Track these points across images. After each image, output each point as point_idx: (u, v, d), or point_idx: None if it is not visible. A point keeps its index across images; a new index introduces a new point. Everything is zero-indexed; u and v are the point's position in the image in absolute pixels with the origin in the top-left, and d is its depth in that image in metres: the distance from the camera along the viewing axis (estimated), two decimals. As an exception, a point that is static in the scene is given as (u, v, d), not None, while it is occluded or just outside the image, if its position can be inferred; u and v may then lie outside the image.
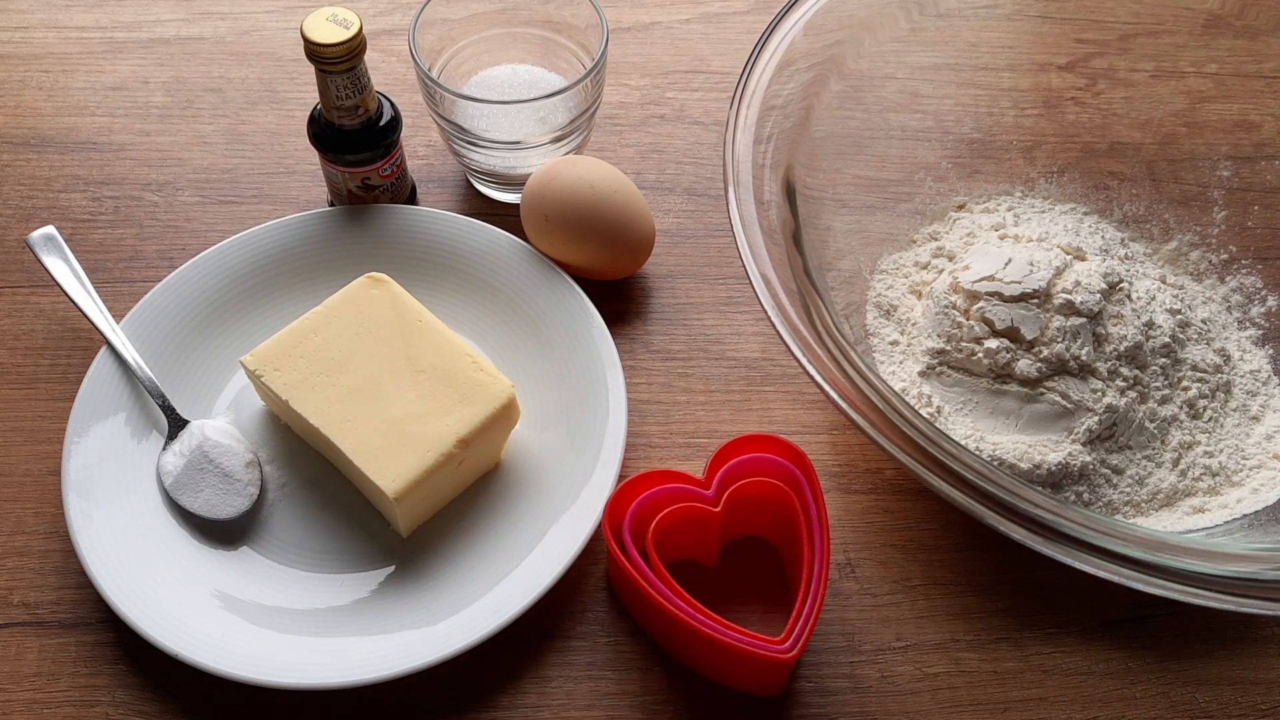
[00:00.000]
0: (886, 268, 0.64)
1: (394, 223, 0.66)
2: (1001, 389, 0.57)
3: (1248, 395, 0.61)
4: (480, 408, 0.55)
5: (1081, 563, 0.44)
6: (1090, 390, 0.57)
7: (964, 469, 0.46)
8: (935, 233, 0.66)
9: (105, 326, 0.61)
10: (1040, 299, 0.57)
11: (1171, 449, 0.58)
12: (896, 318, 0.62)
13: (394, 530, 0.57)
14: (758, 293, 0.51)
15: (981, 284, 0.58)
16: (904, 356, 0.61)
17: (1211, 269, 0.65)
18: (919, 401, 0.58)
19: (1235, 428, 0.59)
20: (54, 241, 0.64)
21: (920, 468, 0.46)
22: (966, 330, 0.58)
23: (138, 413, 0.59)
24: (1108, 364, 0.57)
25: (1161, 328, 0.59)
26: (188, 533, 0.57)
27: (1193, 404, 0.59)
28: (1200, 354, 0.60)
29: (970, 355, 0.58)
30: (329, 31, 0.57)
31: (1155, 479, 0.57)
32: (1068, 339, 0.56)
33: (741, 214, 0.53)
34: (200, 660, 0.51)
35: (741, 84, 0.57)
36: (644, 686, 0.54)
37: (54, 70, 0.76)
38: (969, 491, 0.45)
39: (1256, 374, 0.61)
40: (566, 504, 0.57)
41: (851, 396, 0.48)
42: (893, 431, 0.47)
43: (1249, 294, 0.64)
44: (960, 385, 0.58)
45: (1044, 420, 0.57)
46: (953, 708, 0.54)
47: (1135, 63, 0.69)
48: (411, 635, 0.53)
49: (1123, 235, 0.66)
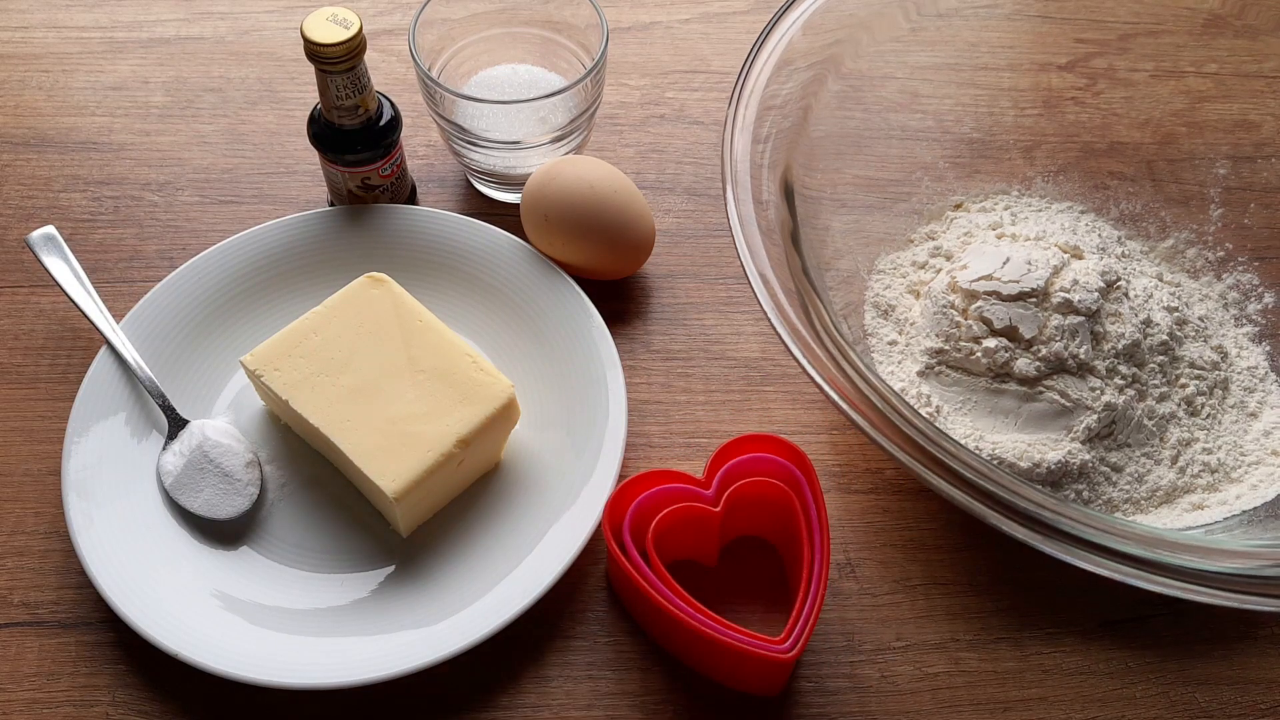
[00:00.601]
0: (884, 268, 0.64)
1: (394, 223, 0.66)
2: (1000, 388, 0.57)
3: (1245, 392, 0.61)
4: (480, 407, 0.55)
5: (1082, 560, 0.44)
6: (1089, 388, 0.57)
7: (964, 468, 0.46)
8: (932, 232, 0.66)
9: (105, 326, 0.61)
10: (1038, 298, 0.57)
11: (1170, 446, 0.58)
12: (895, 318, 0.62)
13: (394, 530, 0.57)
14: (756, 292, 0.51)
15: (979, 283, 0.58)
16: (902, 356, 0.61)
17: (1208, 266, 0.65)
18: (918, 401, 0.58)
19: (1233, 424, 0.59)
20: (54, 241, 0.64)
21: (920, 467, 0.46)
22: (965, 330, 0.58)
23: (138, 413, 0.59)
24: (1106, 362, 0.57)
25: (1159, 325, 0.59)
26: (188, 533, 0.57)
27: (1191, 401, 0.59)
28: (1198, 351, 0.60)
29: (969, 355, 0.58)
30: (329, 31, 0.57)
31: (1154, 476, 0.57)
32: (1066, 337, 0.56)
33: (740, 213, 0.53)
34: (200, 660, 0.51)
35: (740, 83, 0.57)
36: (644, 686, 0.54)
37: (54, 70, 0.76)
38: (969, 490, 0.45)
39: (1254, 370, 0.61)
40: (566, 504, 0.57)
41: (851, 396, 0.48)
42: (892, 431, 0.47)
43: (1245, 291, 0.64)
44: (959, 385, 0.58)
45: (1043, 419, 0.57)
46: (953, 708, 0.54)
47: (1135, 63, 0.69)
48: (411, 635, 0.53)
49: (1119, 233, 0.66)
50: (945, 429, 0.57)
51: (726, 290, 0.67)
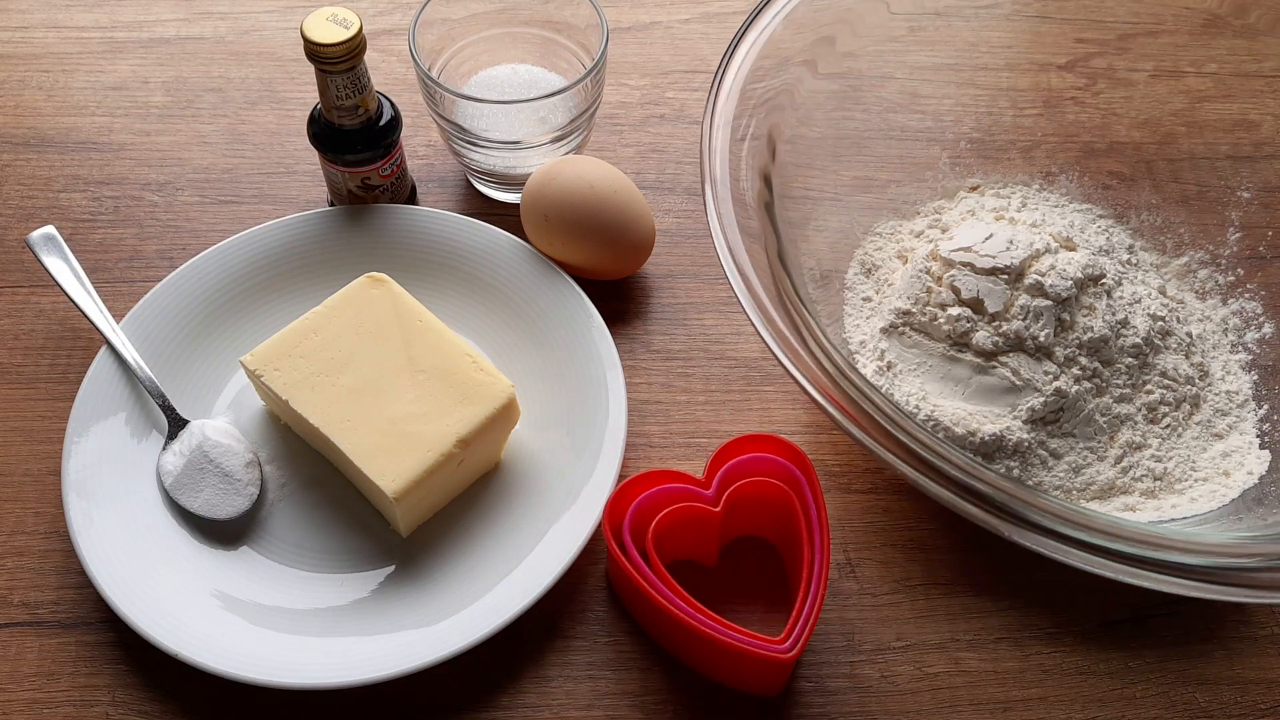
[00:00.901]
0: (881, 230, 0.65)
1: (394, 223, 0.66)
2: (956, 356, 0.58)
3: (1217, 414, 0.60)
4: (480, 407, 0.55)
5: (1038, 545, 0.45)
6: (1043, 371, 0.57)
7: (898, 429, 0.47)
8: (940, 207, 0.67)
9: (105, 326, 0.61)
10: (1011, 276, 0.58)
11: (1118, 445, 0.58)
12: (876, 277, 0.63)
13: (394, 530, 0.57)
14: (720, 254, 0.52)
15: (957, 253, 0.59)
16: (871, 313, 0.62)
17: (1217, 289, 0.65)
18: (873, 355, 0.60)
19: (1194, 440, 0.59)
20: (54, 241, 0.64)
21: (862, 433, 0.47)
22: (934, 296, 0.59)
23: (138, 413, 0.59)
24: (1067, 350, 0.57)
25: (1136, 329, 0.59)
26: (188, 532, 0.57)
27: (1153, 408, 0.59)
28: (1174, 363, 0.60)
29: (932, 320, 0.59)
30: (329, 31, 0.57)
31: (1093, 470, 0.57)
32: (1029, 318, 0.57)
33: (719, 209, 0.54)
34: (200, 660, 0.51)
35: (726, 58, 0.58)
36: (644, 686, 0.54)
37: (54, 70, 0.76)
38: (908, 457, 0.47)
39: (1233, 395, 0.61)
40: (566, 504, 0.57)
41: (794, 346, 0.49)
42: (837, 392, 0.48)
43: (1247, 318, 0.64)
44: (918, 347, 0.59)
45: (991, 393, 0.57)
46: (953, 708, 0.54)
47: (1135, 63, 0.69)
48: (411, 635, 0.53)
49: (1133, 243, 0.66)
50: (892, 385, 0.58)
51: (726, 290, 0.67)
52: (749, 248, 0.52)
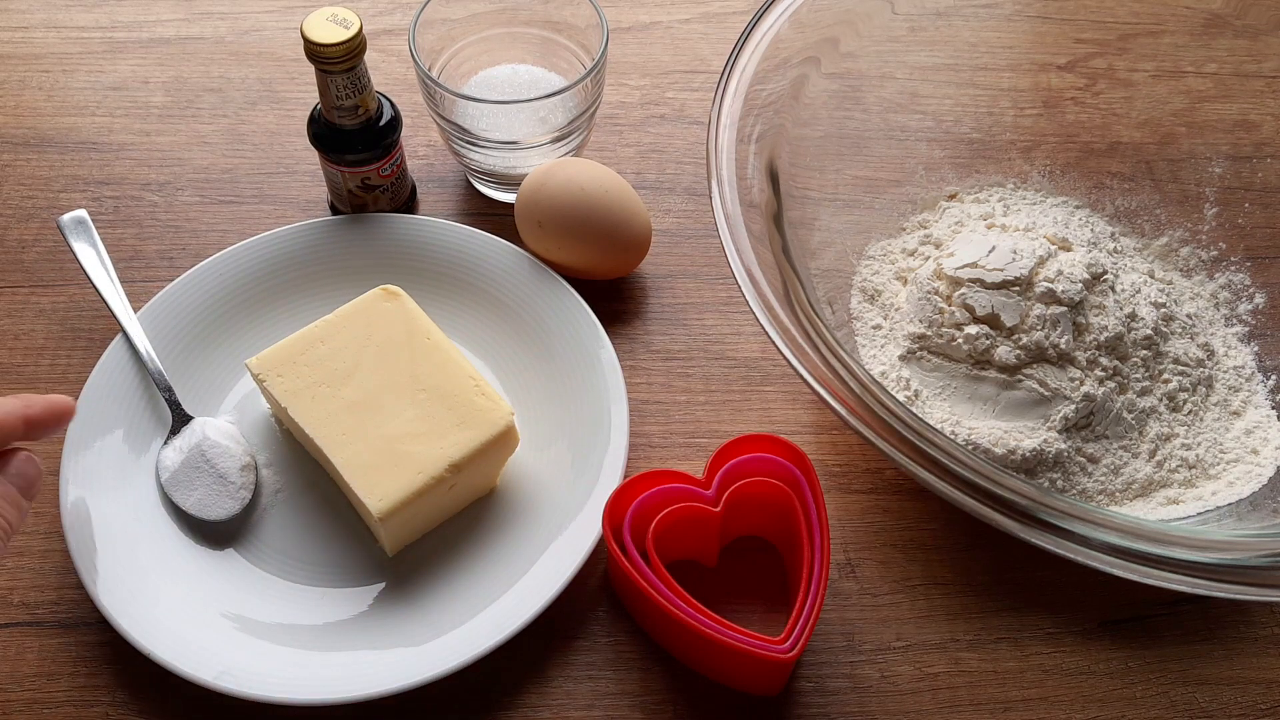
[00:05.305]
0: (874, 254, 0.65)
1: (430, 236, 0.65)
2: (980, 375, 0.58)
3: (1229, 390, 0.61)
4: (476, 433, 0.54)
5: (1056, 546, 0.45)
6: (1068, 378, 0.57)
7: (940, 454, 0.46)
8: (924, 221, 0.67)
9: (123, 315, 0.61)
10: (1021, 287, 0.57)
11: (1149, 440, 0.58)
12: (880, 303, 0.63)
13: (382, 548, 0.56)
14: (731, 264, 0.51)
15: (964, 270, 0.58)
16: (885, 341, 0.61)
17: (1201, 265, 0.65)
18: (897, 385, 0.59)
19: (1215, 422, 0.59)
20: (85, 226, 0.64)
21: (897, 453, 0.46)
22: (947, 316, 0.58)
23: (143, 408, 0.59)
24: (1087, 353, 0.57)
25: (1144, 320, 0.59)
26: (181, 531, 0.56)
27: (1173, 397, 0.59)
28: (1183, 348, 0.60)
29: (950, 341, 0.58)
30: (329, 31, 0.57)
31: (1131, 469, 0.57)
32: (1047, 327, 0.57)
33: (726, 209, 0.53)
34: (186, 670, 0.51)
35: (731, 59, 0.58)
36: (644, 686, 0.54)
37: (54, 70, 0.76)
38: (946, 477, 0.46)
39: (1240, 370, 0.61)
40: (567, 519, 0.56)
41: (828, 380, 0.48)
42: (871, 418, 0.47)
43: (1237, 291, 0.64)
44: (939, 370, 0.59)
45: (1021, 407, 0.57)
46: (953, 708, 0.54)
47: (1135, 63, 0.69)
48: (400, 653, 0.52)
49: (1113, 229, 0.67)
50: (923, 414, 0.58)
51: (726, 290, 0.67)
52: (755, 249, 0.52)
